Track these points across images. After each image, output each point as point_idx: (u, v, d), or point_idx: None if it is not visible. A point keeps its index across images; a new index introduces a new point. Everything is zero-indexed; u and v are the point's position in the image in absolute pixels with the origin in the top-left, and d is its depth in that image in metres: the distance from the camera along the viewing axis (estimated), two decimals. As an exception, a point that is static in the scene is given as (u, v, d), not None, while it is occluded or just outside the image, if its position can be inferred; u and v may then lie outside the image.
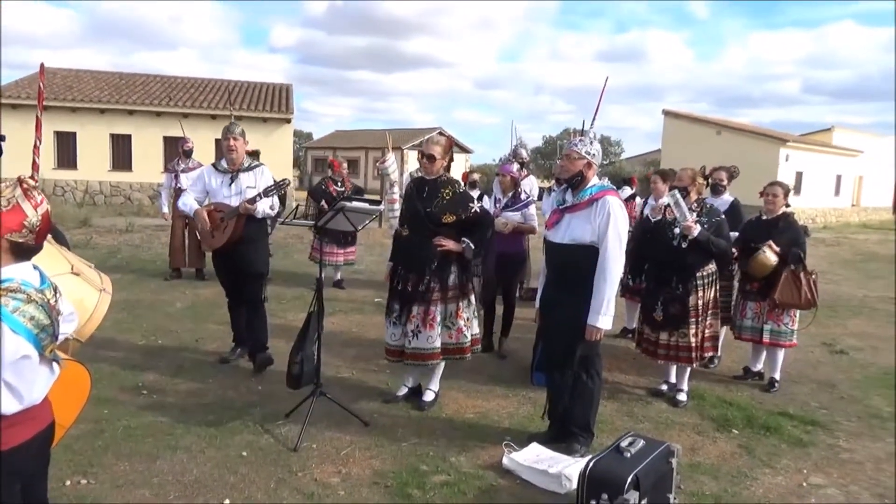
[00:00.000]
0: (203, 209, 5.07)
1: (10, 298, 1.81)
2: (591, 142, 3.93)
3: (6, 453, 1.89)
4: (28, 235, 1.91)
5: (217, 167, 5.23)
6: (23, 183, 1.93)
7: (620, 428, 4.37)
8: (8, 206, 1.87)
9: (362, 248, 9.20)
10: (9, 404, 1.88)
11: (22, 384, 1.89)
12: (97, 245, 11.90)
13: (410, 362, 4.48)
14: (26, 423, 1.95)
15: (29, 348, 1.84)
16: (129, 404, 4.44)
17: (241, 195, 5.03)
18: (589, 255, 3.78)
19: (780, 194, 5.35)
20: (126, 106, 22.21)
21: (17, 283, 1.86)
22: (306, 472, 3.63)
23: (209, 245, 5.20)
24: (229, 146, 5.06)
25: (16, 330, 1.80)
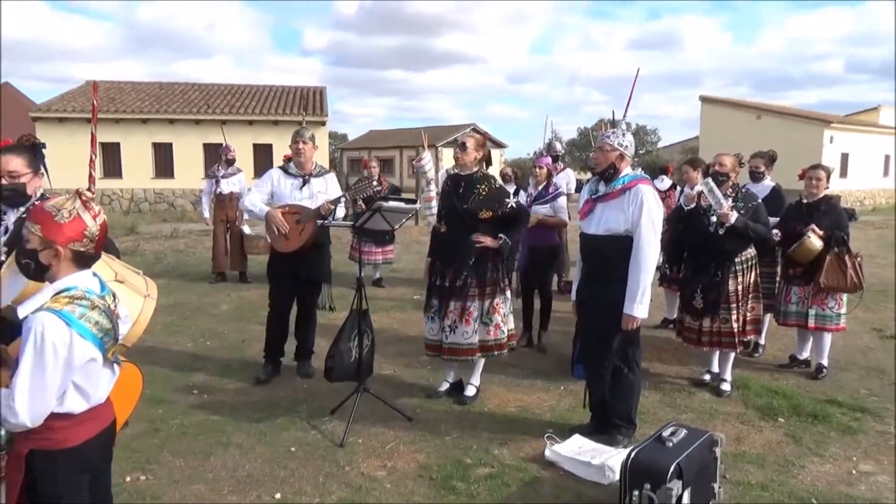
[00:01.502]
0: (276, 210, 4.92)
1: (76, 305, 1.93)
2: (623, 133, 3.93)
3: (75, 449, 2.03)
4: (88, 244, 2.02)
5: (287, 171, 5.12)
6: (81, 195, 2.05)
7: (663, 419, 4.36)
8: (69, 218, 1.99)
9: (400, 247, 9.30)
10: (78, 404, 2.01)
11: (89, 385, 2.02)
12: (144, 251, 12.27)
13: (448, 357, 4.55)
14: (92, 421, 2.08)
15: (95, 352, 1.97)
16: (182, 404, 4.61)
17: (314, 199, 4.99)
18: (623, 245, 3.79)
19: (823, 178, 5.25)
20: (167, 115, 22.81)
21: (81, 291, 1.98)
22: (353, 467, 3.73)
23: (283, 248, 4.97)
24: (298, 149, 5.01)
25: (83, 335, 1.92)
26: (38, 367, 1.85)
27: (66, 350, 1.88)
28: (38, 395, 1.87)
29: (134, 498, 3.35)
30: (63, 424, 1.99)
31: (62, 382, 1.92)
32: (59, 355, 1.87)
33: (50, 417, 1.94)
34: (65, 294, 1.95)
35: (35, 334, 1.85)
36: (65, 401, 1.97)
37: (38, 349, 1.84)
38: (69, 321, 1.89)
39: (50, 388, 1.89)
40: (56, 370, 1.88)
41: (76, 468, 2.07)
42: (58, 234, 1.97)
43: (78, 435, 2.04)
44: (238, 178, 9.31)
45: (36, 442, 1.97)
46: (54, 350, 1.86)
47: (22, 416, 1.86)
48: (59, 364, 1.88)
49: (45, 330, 1.85)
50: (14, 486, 2.00)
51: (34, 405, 1.87)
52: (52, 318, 1.87)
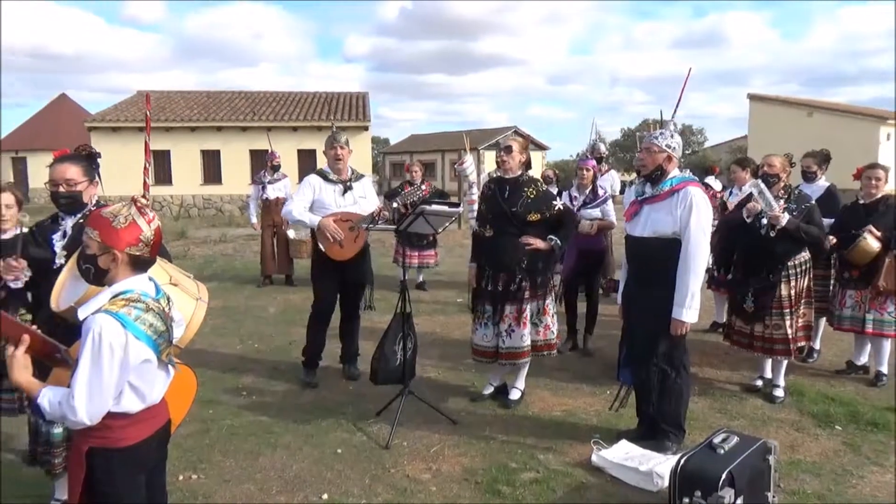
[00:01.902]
0: (329, 219, 4.88)
1: (132, 308, 2.00)
2: (671, 134, 3.85)
3: (132, 448, 2.09)
4: (144, 249, 2.09)
5: (326, 177, 5.06)
6: (136, 202, 2.12)
7: (713, 425, 4.26)
8: (125, 224, 2.06)
9: (442, 250, 9.32)
10: (133, 404, 2.08)
11: (144, 385, 2.08)
12: (194, 255, 12.59)
13: (505, 362, 4.52)
14: (148, 421, 2.14)
15: (149, 353, 2.03)
16: (232, 405, 4.71)
17: (356, 204, 5.02)
18: (671, 248, 3.72)
19: (882, 177, 5.06)
20: (214, 123, 23.41)
21: (137, 294, 2.05)
22: (398, 469, 3.75)
23: (338, 255, 4.94)
24: (337, 155, 5.01)
25: (138, 336, 1.98)
26: (95, 367, 1.92)
27: (122, 350, 1.95)
28: (95, 393, 1.94)
29: (187, 496, 3.43)
30: (120, 423, 2.06)
31: (118, 382, 1.99)
32: (116, 355, 1.94)
33: (107, 416, 2.01)
34: (121, 297, 2.02)
35: (93, 335, 1.92)
36: (121, 400, 2.04)
37: (96, 349, 1.91)
38: (125, 323, 1.96)
39: (107, 387, 1.95)
40: (112, 370, 1.94)
41: (133, 466, 2.13)
42: (115, 240, 2.04)
43: (134, 434, 2.11)
44: (283, 183, 9.47)
45: (95, 440, 2.04)
46: (111, 350, 1.92)
47: (80, 414, 1.93)
48: (115, 364, 1.94)
49: (102, 331, 1.91)
50: (77, 481, 2.07)
51: (92, 403, 1.94)
52: (108, 320, 1.93)
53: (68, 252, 2.91)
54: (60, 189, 2.96)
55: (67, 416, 1.95)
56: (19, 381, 2.01)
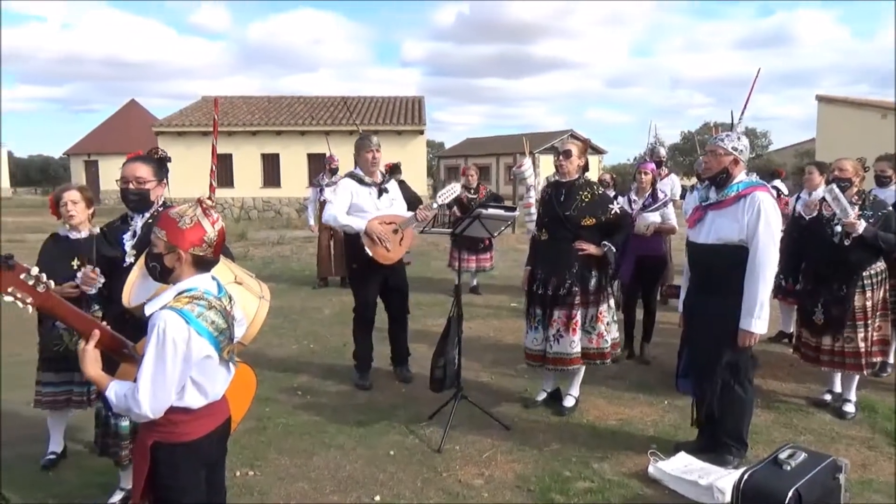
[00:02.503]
0: (374, 222, 4.90)
1: (195, 305, 2.05)
2: (738, 137, 3.72)
3: (194, 443, 2.15)
4: (207, 249, 2.14)
5: (361, 181, 5.07)
6: (202, 203, 2.17)
7: (778, 440, 4.09)
8: (191, 224, 2.12)
9: (497, 254, 9.29)
10: (195, 399, 2.13)
11: (206, 382, 2.14)
12: (253, 256, 12.90)
13: (552, 367, 4.47)
14: (209, 417, 2.20)
15: (210, 349, 2.08)
16: (287, 404, 4.79)
17: (392, 206, 5.06)
18: (736, 255, 3.58)
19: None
20: (274, 127, 23.97)
21: (200, 292, 2.10)
22: (450, 473, 3.73)
23: (384, 258, 4.95)
24: (374, 159, 5.01)
25: (200, 332, 2.04)
26: (159, 361, 1.98)
27: (185, 345, 2.00)
28: (159, 387, 1.99)
29: (243, 492, 3.50)
30: (183, 418, 2.11)
31: (181, 377, 2.04)
32: (179, 350, 1.99)
33: (171, 411, 2.07)
34: (186, 294, 2.08)
35: (157, 330, 1.98)
36: (184, 395, 2.10)
37: (160, 344, 1.97)
38: (188, 319, 2.01)
39: (170, 382, 2.01)
40: (175, 364, 2.00)
41: (194, 461, 2.19)
42: (180, 240, 2.10)
43: (197, 429, 2.16)
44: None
45: (159, 434, 2.11)
46: (174, 345, 1.98)
47: (144, 408, 1.99)
48: (178, 358, 2.00)
49: (165, 326, 1.97)
50: (141, 473, 2.14)
51: (155, 397, 2.00)
52: (172, 316, 1.99)
53: (138, 251, 3.01)
54: (130, 186, 3.07)
55: (132, 409, 2.01)
56: (90, 373, 2.08)
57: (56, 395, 3.72)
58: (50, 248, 3.67)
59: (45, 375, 3.72)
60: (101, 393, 2.88)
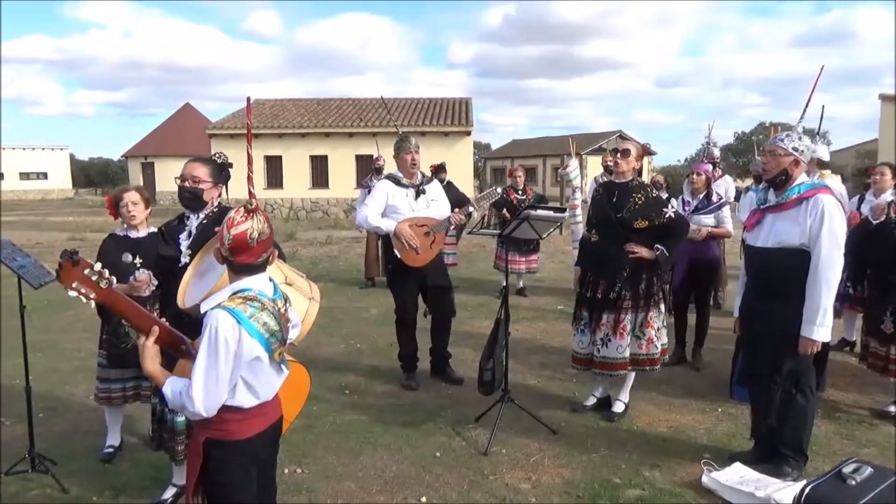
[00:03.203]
0: (405, 224, 4.90)
1: (247, 306, 2.07)
2: (799, 137, 3.57)
3: (245, 441, 2.17)
4: (227, 252, 2.14)
5: (398, 182, 5.06)
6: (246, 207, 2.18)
7: (839, 452, 3.92)
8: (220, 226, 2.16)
9: (543, 256, 9.20)
10: (247, 399, 2.15)
11: (256, 383, 2.15)
12: (301, 256, 13.10)
13: (598, 371, 4.38)
14: (261, 417, 2.22)
15: (261, 351, 2.09)
16: (335, 403, 4.83)
17: (429, 208, 5.03)
18: (797, 260, 3.44)
19: None
20: (323, 129, 24.31)
21: (254, 293, 2.12)
22: (497, 477, 3.69)
23: (415, 262, 4.95)
24: (414, 161, 5.03)
25: (251, 333, 2.05)
26: (211, 360, 2.00)
27: (236, 345, 2.02)
28: (211, 385, 2.02)
29: (291, 490, 3.53)
30: (235, 417, 2.14)
31: (233, 376, 2.06)
32: (230, 349, 2.01)
33: (223, 409, 2.09)
34: (240, 294, 2.10)
35: (210, 329, 2.01)
36: (235, 395, 2.12)
37: (212, 343, 2.00)
38: (239, 319, 2.03)
39: (222, 380, 2.03)
40: (227, 363, 2.02)
41: (246, 459, 2.21)
42: (219, 240, 2.15)
43: (248, 429, 2.18)
44: (388, 187, 9.64)
45: (212, 431, 2.13)
46: (225, 344, 2.00)
47: (198, 405, 2.01)
48: (229, 357, 2.01)
49: (217, 325, 2.00)
50: (194, 469, 2.17)
51: (208, 395, 2.02)
52: (224, 315, 2.02)
53: (192, 251, 3.07)
54: (186, 184, 3.15)
55: (186, 406, 2.04)
56: (149, 369, 2.12)
57: (123, 392, 3.83)
58: (109, 246, 3.79)
59: (111, 373, 3.83)
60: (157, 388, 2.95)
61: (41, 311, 7.09)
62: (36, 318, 5.71)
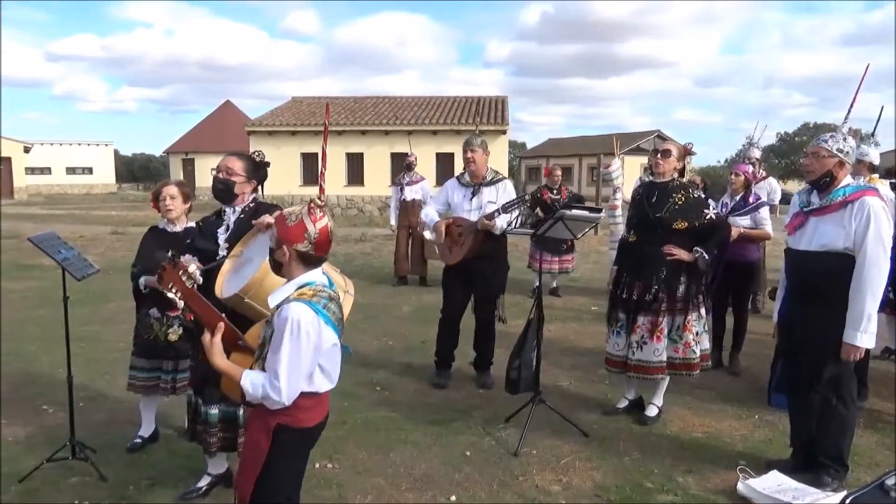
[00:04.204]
0: (442, 222, 5.05)
1: (320, 297, 2.17)
2: (843, 138, 3.46)
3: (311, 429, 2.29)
4: (309, 246, 2.22)
5: (460, 180, 5.18)
6: (311, 203, 2.28)
7: (882, 463, 3.80)
8: (295, 222, 2.23)
9: (578, 256, 9.11)
10: (324, 384, 2.26)
11: (332, 367, 2.27)
12: (336, 253, 13.21)
13: (634, 375, 4.31)
14: (323, 405, 2.33)
15: (335, 337, 2.20)
16: (366, 399, 4.86)
17: (482, 209, 4.98)
18: (841, 264, 3.34)
19: None
20: (359, 127, 24.48)
21: (320, 285, 2.22)
22: (527, 478, 3.67)
23: (446, 260, 5.11)
24: (468, 158, 5.03)
25: (327, 322, 2.15)
26: (294, 350, 2.08)
27: (316, 335, 2.12)
28: (294, 375, 2.10)
29: (321, 485, 3.56)
30: (309, 404, 2.22)
31: (312, 365, 2.16)
32: (311, 339, 2.10)
33: (300, 396, 2.17)
34: (308, 287, 2.19)
35: (291, 322, 2.08)
36: (313, 381, 2.21)
37: (295, 335, 2.08)
38: (317, 310, 2.12)
39: (304, 370, 2.13)
40: (309, 353, 2.11)
41: (307, 446, 2.34)
42: (286, 236, 2.22)
43: (316, 416, 2.29)
44: (421, 185, 9.69)
45: (284, 417, 2.20)
46: (307, 335, 2.09)
47: (284, 396, 2.09)
48: (310, 348, 2.11)
49: (300, 318, 2.08)
50: (260, 453, 2.22)
51: (290, 385, 2.10)
52: (304, 308, 2.10)
53: (230, 244, 3.13)
54: (220, 175, 3.21)
55: (271, 397, 2.10)
56: (220, 365, 2.19)
57: (146, 381, 3.92)
58: (149, 239, 3.88)
59: (138, 361, 3.93)
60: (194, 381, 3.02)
61: (84, 302, 7.29)
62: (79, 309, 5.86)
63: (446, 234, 5.06)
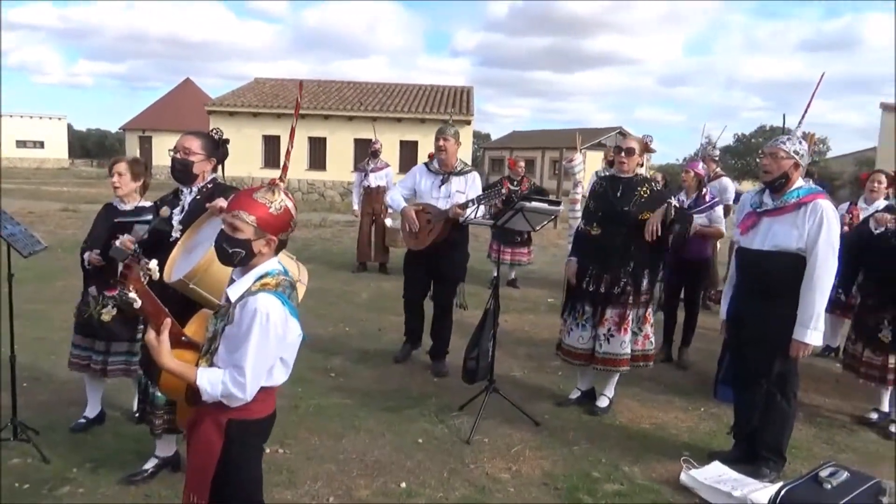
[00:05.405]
0: (411, 208, 5.06)
1: (283, 286, 2.06)
2: (799, 140, 3.58)
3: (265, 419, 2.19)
4: (290, 232, 2.14)
5: (429, 167, 5.22)
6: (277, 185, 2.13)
7: (818, 456, 3.96)
8: (280, 209, 2.08)
9: (537, 249, 9.21)
10: (282, 376, 2.15)
11: (291, 358, 2.16)
12: (294, 238, 13.05)
13: (601, 367, 4.37)
14: (276, 395, 2.23)
15: (299, 329, 2.11)
16: (320, 385, 4.84)
17: (451, 198, 5.02)
18: (792, 263, 3.45)
19: None
20: (322, 111, 24.18)
21: (280, 274, 2.10)
22: (478, 465, 3.71)
23: (412, 245, 5.15)
24: (439, 146, 5.06)
25: (292, 313, 2.06)
26: (262, 345, 1.97)
27: (283, 328, 2.02)
28: (260, 370, 2.01)
29: (272, 469, 3.53)
30: (262, 396, 2.10)
31: (274, 359, 2.07)
32: (279, 333, 2.01)
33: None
34: (270, 277, 2.07)
35: (261, 315, 1.96)
36: (273, 374, 2.10)
37: (264, 328, 1.96)
38: (283, 301, 2.02)
39: (269, 364, 2.04)
40: (275, 347, 2.02)
41: (263, 437, 2.24)
42: (272, 225, 2.07)
43: (268, 406, 2.18)
44: (385, 172, 9.65)
45: (236, 412, 2.07)
46: (276, 328, 1.99)
47: (248, 392, 1.99)
48: (277, 341, 2.01)
49: (269, 310, 1.97)
50: (212, 452, 2.10)
51: (255, 380, 2.00)
52: (272, 300, 1.99)
53: (184, 226, 3.06)
54: (177, 155, 3.13)
55: (233, 395, 1.98)
56: (170, 367, 2.01)
57: (80, 359, 3.83)
58: (101, 217, 3.79)
59: (76, 338, 3.85)
60: (142, 362, 2.92)
61: (29, 280, 7.06)
62: (24, 287, 5.68)
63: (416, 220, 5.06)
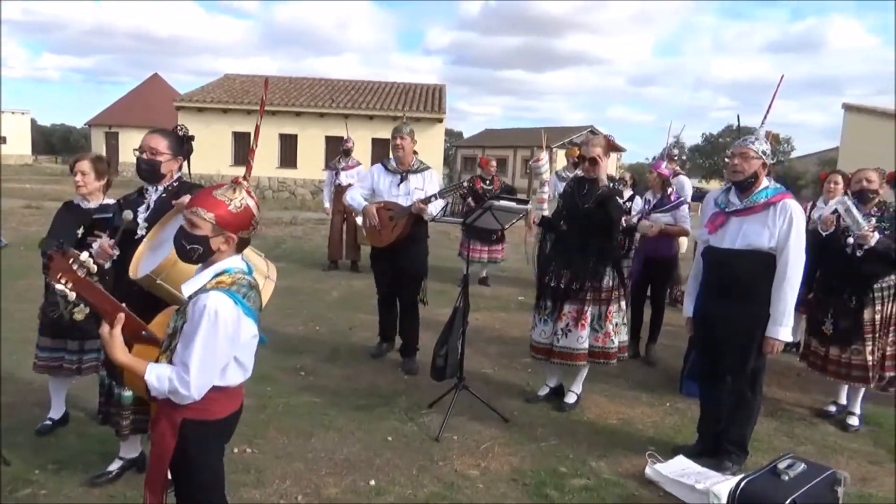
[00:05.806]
0: (372, 206, 5.11)
1: (239, 286, 2.05)
2: (764, 140, 3.66)
3: (224, 420, 2.17)
4: (252, 231, 2.13)
5: (387, 166, 5.27)
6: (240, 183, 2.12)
7: (778, 448, 4.06)
8: (240, 207, 2.08)
9: (508, 247, 9.25)
10: (237, 377, 2.14)
11: (248, 360, 2.15)
12: (265, 235, 12.94)
13: (557, 361, 4.45)
14: (238, 396, 2.22)
15: (254, 328, 2.09)
16: (289, 384, 4.81)
17: (410, 196, 5.07)
18: (764, 262, 3.53)
19: None
20: (293, 108, 23.97)
21: (239, 273, 2.09)
22: (447, 462, 3.74)
23: (376, 242, 5.21)
24: (396, 145, 5.12)
25: (247, 313, 2.04)
26: (209, 344, 1.96)
27: (234, 327, 2.00)
28: (207, 368, 1.99)
29: (240, 469, 3.52)
30: (218, 397, 2.09)
31: (226, 359, 2.04)
32: (228, 331, 1.99)
33: (210, 390, 2.05)
34: (227, 275, 2.06)
35: (209, 312, 1.95)
36: (226, 374, 2.09)
37: (212, 326, 1.95)
38: (236, 300, 2.00)
39: (218, 363, 2.02)
40: (225, 346, 2.00)
41: (223, 437, 2.23)
42: (231, 223, 2.06)
43: (227, 407, 2.17)
44: (357, 170, 9.60)
45: (191, 412, 2.07)
46: (225, 326, 1.97)
47: (193, 390, 1.98)
48: (227, 340, 1.99)
49: (218, 308, 1.96)
50: (166, 450, 2.09)
51: (202, 379, 1.99)
52: (223, 298, 1.98)
53: (149, 224, 3.03)
54: (143, 156, 3.09)
55: (179, 391, 1.98)
56: (121, 360, 2.02)
57: (49, 361, 3.76)
58: (62, 215, 3.71)
59: (43, 340, 3.77)
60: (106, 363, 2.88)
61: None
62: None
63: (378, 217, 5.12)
